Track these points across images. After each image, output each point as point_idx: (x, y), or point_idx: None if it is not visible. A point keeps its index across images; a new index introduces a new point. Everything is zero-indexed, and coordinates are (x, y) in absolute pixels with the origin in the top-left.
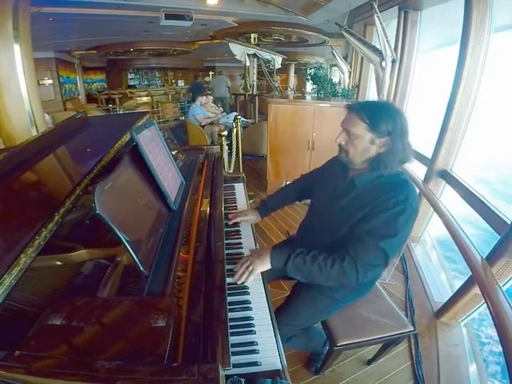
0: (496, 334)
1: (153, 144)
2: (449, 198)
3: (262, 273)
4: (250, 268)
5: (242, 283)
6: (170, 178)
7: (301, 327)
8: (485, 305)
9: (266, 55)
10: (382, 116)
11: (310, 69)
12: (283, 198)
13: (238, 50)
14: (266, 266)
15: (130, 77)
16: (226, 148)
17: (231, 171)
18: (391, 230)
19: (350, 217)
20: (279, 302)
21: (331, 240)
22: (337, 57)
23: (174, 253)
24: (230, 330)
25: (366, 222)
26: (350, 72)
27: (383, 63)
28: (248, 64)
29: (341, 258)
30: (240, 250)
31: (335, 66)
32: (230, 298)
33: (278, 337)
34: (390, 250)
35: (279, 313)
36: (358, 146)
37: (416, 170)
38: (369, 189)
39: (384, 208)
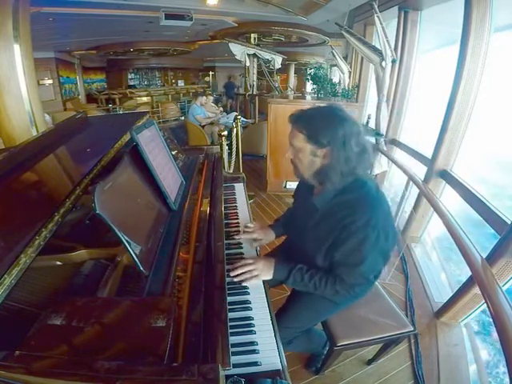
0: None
1: (153, 144)
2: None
3: None
4: (255, 273)
5: (240, 282)
6: (170, 178)
7: (301, 329)
8: (485, 305)
9: (266, 55)
10: (319, 125)
11: (310, 69)
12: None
13: (238, 50)
14: (269, 276)
15: (130, 77)
16: (225, 148)
17: (231, 171)
18: (359, 257)
19: (321, 242)
20: (279, 302)
21: (315, 263)
22: (337, 57)
23: (174, 253)
24: (230, 330)
25: (335, 250)
26: (350, 72)
27: (383, 63)
28: (248, 64)
29: (334, 280)
30: (240, 250)
31: (335, 65)
32: (229, 298)
33: (278, 337)
34: (366, 271)
35: (279, 316)
36: (303, 160)
37: (416, 170)
38: (329, 211)
39: (347, 234)
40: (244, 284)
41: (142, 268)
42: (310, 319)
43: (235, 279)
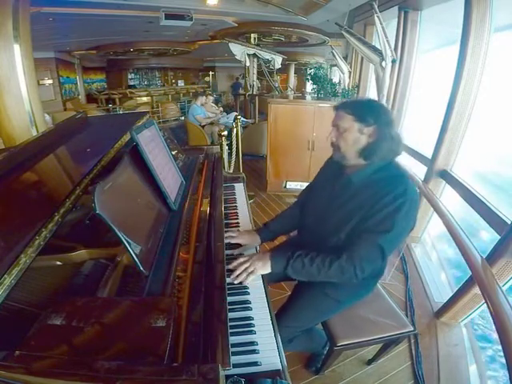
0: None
1: (153, 144)
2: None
3: (263, 274)
4: (250, 269)
5: (240, 282)
6: (170, 178)
7: (302, 328)
8: (485, 305)
9: (266, 55)
10: (365, 107)
11: (310, 69)
12: (287, 217)
13: (238, 49)
14: (266, 269)
15: (130, 77)
16: (225, 148)
17: (231, 171)
18: (388, 225)
19: (350, 216)
20: (279, 301)
21: (333, 241)
22: (337, 57)
23: (174, 253)
24: (230, 330)
25: (365, 220)
26: (349, 72)
27: (383, 63)
28: (248, 64)
29: (337, 257)
30: (240, 250)
31: (335, 66)
32: (229, 298)
33: (278, 337)
34: (387, 245)
35: (280, 315)
36: (349, 138)
37: (416, 169)
38: (366, 186)
39: (383, 204)
40: (244, 284)
41: (141, 268)
42: (311, 318)
43: (235, 281)
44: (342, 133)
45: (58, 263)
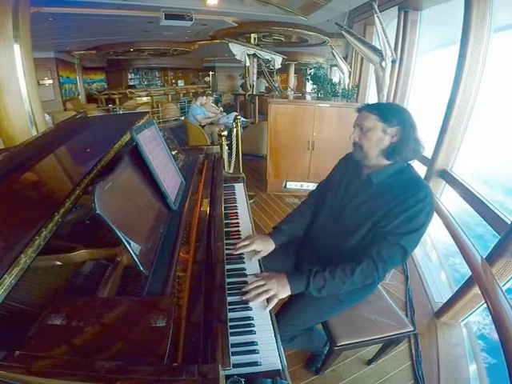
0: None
1: (153, 144)
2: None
3: (262, 270)
4: (272, 293)
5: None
6: (169, 178)
7: (304, 327)
8: (485, 305)
9: (266, 55)
10: (390, 108)
11: (310, 69)
12: (299, 218)
13: (238, 50)
14: (287, 293)
15: (130, 77)
16: (226, 148)
17: (231, 171)
18: (413, 226)
19: (368, 216)
20: (279, 301)
21: (348, 243)
22: (337, 57)
23: (174, 253)
24: (230, 330)
25: (387, 221)
26: (349, 72)
27: (383, 63)
28: (248, 64)
29: (357, 262)
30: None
31: (335, 66)
32: (229, 298)
33: (278, 337)
34: (409, 245)
35: (281, 313)
36: (372, 138)
37: (416, 170)
38: (386, 187)
39: (406, 207)
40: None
41: (141, 268)
42: (312, 317)
43: (250, 303)
44: (366, 132)
45: (58, 263)
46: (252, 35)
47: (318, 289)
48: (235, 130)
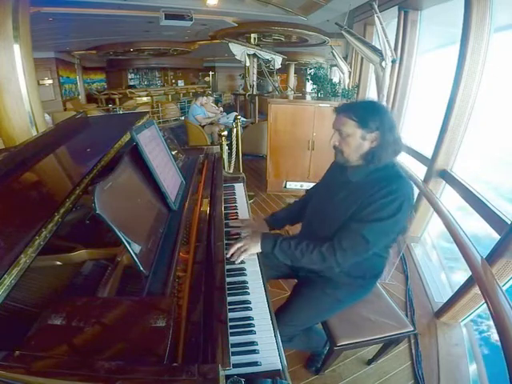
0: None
1: (153, 144)
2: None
3: (262, 272)
4: (243, 249)
5: (233, 261)
6: (169, 178)
7: (303, 327)
8: (485, 305)
9: (266, 55)
10: (368, 113)
11: (310, 69)
12: (292, 210)
13: (238, 50)
14: (257, 248)
15: (130, 77)
16: (225, 148)
17: (231, 171)
18: (377, 216)
19: (345, 211)
20: (279, 302)
21: (326, 234)
22: (337, 57)
23: (174, 253)
24: (230, 330)
25: (358, 212)
26: (349, 72)
27: (383, 63)
28: (248, 64)
29: (320, 244)
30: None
31: (335, 66)
32: (229, 298)
33: (278, 337)
34: (371, 236)
35: (280, 313)
36: (351, 144)
37: (416, 170)
38: (363, 184)
39: (376, 197)
40: (239, 261)
41: (141, 268)
42: (311, 317)
43: (231, 259)
44: (345, 137)
45: (58, 263)
46: (252, 35)
47: (282, 252)
48: (235, 129)
